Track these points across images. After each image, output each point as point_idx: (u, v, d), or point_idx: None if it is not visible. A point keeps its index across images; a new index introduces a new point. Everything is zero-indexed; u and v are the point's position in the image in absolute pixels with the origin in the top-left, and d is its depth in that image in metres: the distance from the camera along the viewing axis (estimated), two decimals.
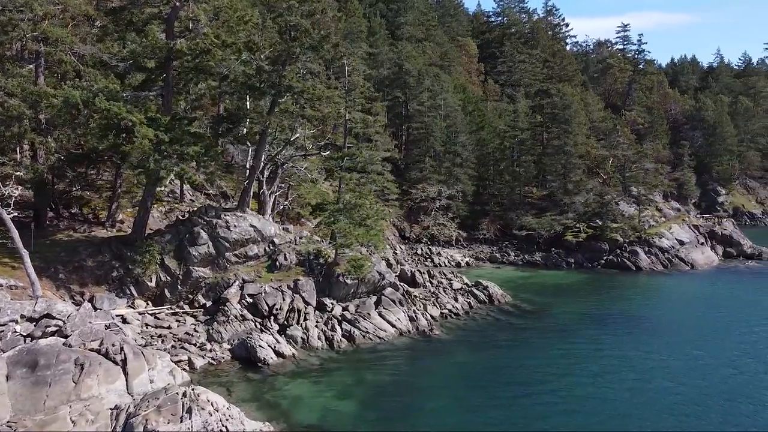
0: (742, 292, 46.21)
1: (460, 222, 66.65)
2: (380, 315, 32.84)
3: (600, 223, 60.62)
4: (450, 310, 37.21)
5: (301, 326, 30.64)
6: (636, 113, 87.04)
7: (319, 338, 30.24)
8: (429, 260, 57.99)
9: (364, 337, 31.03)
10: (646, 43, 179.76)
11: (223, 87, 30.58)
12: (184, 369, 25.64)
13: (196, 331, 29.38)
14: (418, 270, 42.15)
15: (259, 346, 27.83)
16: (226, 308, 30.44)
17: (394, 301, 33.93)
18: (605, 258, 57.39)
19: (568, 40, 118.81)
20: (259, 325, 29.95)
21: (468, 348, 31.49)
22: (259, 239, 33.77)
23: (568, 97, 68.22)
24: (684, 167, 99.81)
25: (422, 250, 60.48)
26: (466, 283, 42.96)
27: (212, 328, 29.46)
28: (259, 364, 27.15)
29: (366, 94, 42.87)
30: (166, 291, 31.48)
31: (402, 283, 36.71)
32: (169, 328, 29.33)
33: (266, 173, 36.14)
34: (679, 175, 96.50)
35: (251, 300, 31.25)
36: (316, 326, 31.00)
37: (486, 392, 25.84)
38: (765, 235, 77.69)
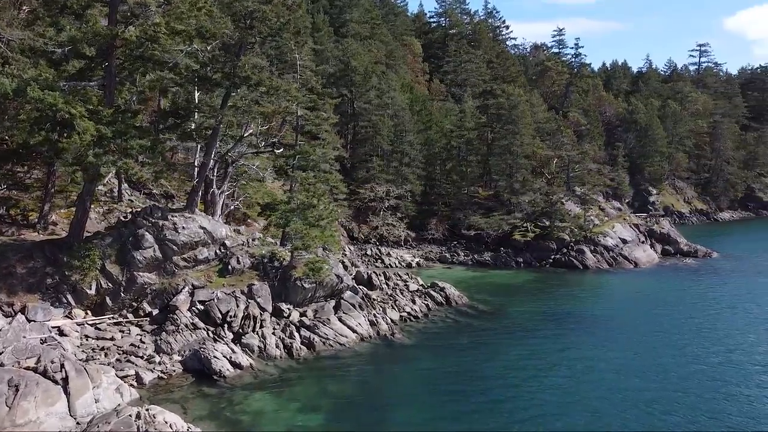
0: (686, 289, 47.56)
1: (409, 222, 66.02)
2: (340, 320, 31.46)
3: (547, 223, 61.33)
4: (409, 313, 36.25)
5: (258, 334, 28.87)
6: (574, 115, 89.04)
7: (277, 346, 28.55)
8: (379, 261, 56.95)
9: (324, 343, 29.57)
10: (582, 47, 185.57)
11: (173, 77, 28.28)
12: (131, 385, 23.47)
13: (143, 343, 27.10)
14: (374, 272, 40.97)
15: (214, 357, 25.92)
16: (175, 316, 28.29)
17: (353, 305, 32.61)
18: (553, 257, 58.05)
19: (508, 42, 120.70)
20: (212, 334, 28.00)
21: (432, 352, 30.59)
22: (209, 242, 31.69)
23: (514, 97, 68.73)
24: (618, 168, 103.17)
25: (372, 250, 59.38)
26: (422, 285, 42.17)
27: (160, 339, 27.25)
28: (215, 377, 25.26)
29: (318, 90, 41.24)
30: (108, 299, 28.97)
31: (360, 286, 35.44)
32: (112, 339, 26.91)
33: (216, 171, 33.99)
34: (613, 176, 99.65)
35: (202, 307, 29.21)
36: (274, 333, 29.29)
37: (456, 398, 24.99)
38: (694, 232, 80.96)
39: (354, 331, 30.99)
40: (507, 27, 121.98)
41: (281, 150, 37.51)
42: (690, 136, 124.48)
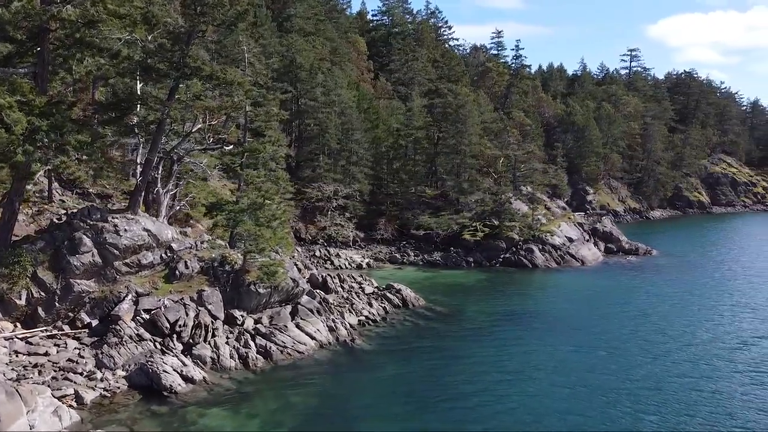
0: (634, 287, 48.41)
1: (357, 222, 64.71)
2: (298, 326, 29.79)
3: (496, 222, 61.41)
4: (367, 317, 34.95)
5: (210, 344, 26.85)
6: (519, 115, 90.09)
7: (231, 357, 26.63)
8: (328, 262, 55.40)
9: (282, 352, 27.85)
10: (523, 48, 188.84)
11: (114, 66, 25.84)
12: (71, 406, 21.13)
13: (82, 357, 24.61)
14: (329, 274, 39.42)
15: (163, 371, 23.79)
16: (118, 327, 25.91)
17: (311, 311, 31.01)
18: (503, 256, 58.10)
19: (451, 43, 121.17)
20: (160, 346, 25.78)
21: (394, 358, 29.40)
22: (154, 245, 29.35)
23: (462, 96, 68.60)
24: (557, 168, 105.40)
25: (320, 251, 57.73)
26: (377, 287, 40.97)
27: (102, 353, 24.84)
28: (165, 393, 23.15)
29: (267, 85, 39.31)
30: (40, 309, 26.24)
31: (317, 291, 33.84)
32: (46, 355, 24.30)
33: (160, 169, 31.57)
34: (553, 176, 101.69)
35: (148, 316, 26.91)
36: (227, 343, 27.34)
37: (425, 407, 23.92)
38: (629, 231, 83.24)
39: (313, 338, 29.40)
40: (450, 27, 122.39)
41: (231, 147, 35.33)
42: (623, 137, 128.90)
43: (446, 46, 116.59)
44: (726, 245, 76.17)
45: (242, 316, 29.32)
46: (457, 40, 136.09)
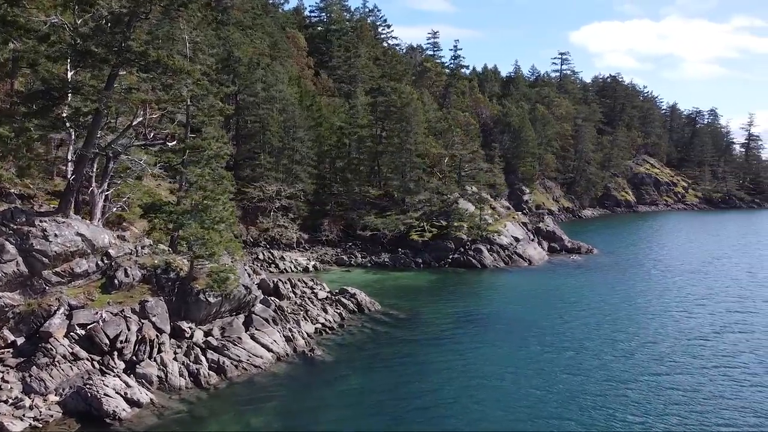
0: (583, 285, 48.66)
1: (301, 223, 62.33)
2: (253, 338, 27.49)
3: (444, 222, 60.68)
4: (323, 324, 32.98)
5: (156, 361, 24.19)
6: (464, 115, 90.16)
7: (181, 374, 24.09)
8: (273, 266, 52.92)
9: (237, 367, 25.52)
10: (461, 49, 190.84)
11: (43, 50, 22.71)
12: None
13: (6, 382, 21.51)
14: (280, 279, 37.11)
15: (104, 394, 21.05)
16: (49, 346, 22.89)
17: (266, 320, 28.77)
18: (452, 257, 57.35)
19: (389, 42, 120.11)
20: (98, 366, 22.97)
21: (357, 369, 27.61)
22: (89, 251, 26.32)
23: (406, 95, 67.47)
24: (496, 167, 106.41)
25: (263, 254, 55.10)
26: (330, 292, 39.04)
27: (30, 376, 21.80)
28: (107, 420, 20.51)
29: (211, 77, 36.61)
30: None
31: (271, 298, 31.57)
32: None
33: (95, 167, 28.43)
34: (493, 175, 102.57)
35: (84, 332, 23.97)
36: (176, 359, 24.75)
37: (394, 419, 22.63)
38: (565, 229, 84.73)
39: (269, 350, 27.18)
40: (388, 26, 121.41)
41: (174, 143, 32.48)
42: (556, 138, 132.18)
43: (385, 44, 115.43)
44: (659, 243, 78.86)
45: (191, 328, 26.76)
46: (395, 39, 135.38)
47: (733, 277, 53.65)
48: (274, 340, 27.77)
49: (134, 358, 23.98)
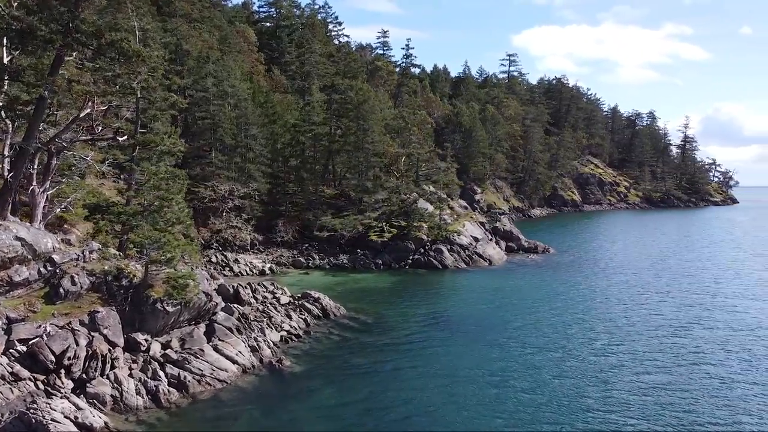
0: (546, 285, 48.34)
1: (255, 224, 59.85)
2: (216, 349, 25.33)
3: (403, 223, 59.49)
4: (289, 332, 31.03)
5: (110, 378, 21.80)
6: (421, 113, 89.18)
7: (138, 393, 21.77)
8: (227, 269, 50.48)
9: (200, 382, 23.36)
10: (413, 48, 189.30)
11: None
12: None
13: None
14: (240, 284, 34.88)
15: (51, 419, 18.64)
16: None
17: (230, 329, 26.64)
18: (412, 257, 56.22)
19: (341, 39, 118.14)
20: (43, 386, 20.43)
21: (330, 381, 25.81)
22: (29, 257, 23.62)
23: (363, 92, 65.92)
24: (452, 167, 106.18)
25: (217, 257, 52.50)
26: (292, 296, 37.12)
27: None
28: None
29: (167, 68, 34.09)
30: None
31: (235, 305, 29.41)
32: None
33: (36, 164, 25.62)
34: (446, 175, 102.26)
35: (26, 348, 21.36)
36: (131, 375, 22.41)
37: None
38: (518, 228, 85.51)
39: (235, 362, 25.10)
40: (339, 24, 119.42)
41: (125, 138, 29.86)
42: (506, 138, 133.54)
43: (336, 42, 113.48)
44: (611, 242, 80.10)
45: (147, 340, 24.40)
46: (347, 37, 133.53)
47: (687, 274, 54.72)
48: (239, 351, 25.70)
49: (84, 376, 21.53)
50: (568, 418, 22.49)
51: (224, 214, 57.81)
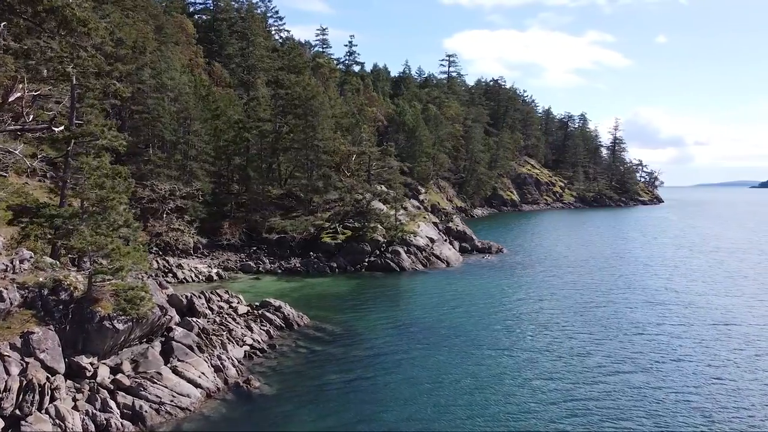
0: (508, 286, 47.06)
1: (199, 226, 55.85)
2: (175, 372, 22.08)
3: (357, 224, 57.05)
4: (252, 346, 27.98)
5: (50, 413, 18.28)
6: (372, 111, 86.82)
7: (85, 428, 18.37)
8: (170, 275, 46.52)
9: (158, 412, 20.11)
10: (356, 45, 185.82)
11: None
12: None
13: None
14: (194, 294, 31.40)
15: None
16: None
17: (190, 348, 23.42)
18: (368, 260, 53.84)
19: (282, 34, 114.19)
20: None
21: (304, 402, 23.03)
22: None
23: (312, 87, 63.00)
24: (404, 166, 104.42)
25: (158, 262, 48.31)
26: (250, 305, 33.99)
27: None
28: None
29: (105, 52, 30.29)
30: None
31: (195, 319, 26.07)
32: None
33: None
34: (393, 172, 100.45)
35: None
36: (76, 408, 18.94)
37: None
38: None
39: (198, 386, 21.94)
40: (281, 18, 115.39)
41: (61, 128, 25.97)
42: (449, 138, 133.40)
43: (278, 37, 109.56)
44: (559, 241, 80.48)
45: (93, 364, 20.91)
46: (288, 31, 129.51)
47: (641, 272, 55.20)
48: (202, 373, 22.54)
49: (18, 412, 17.93)
50: (552, 420, 21.59)
51: (165, 215, 53.57)
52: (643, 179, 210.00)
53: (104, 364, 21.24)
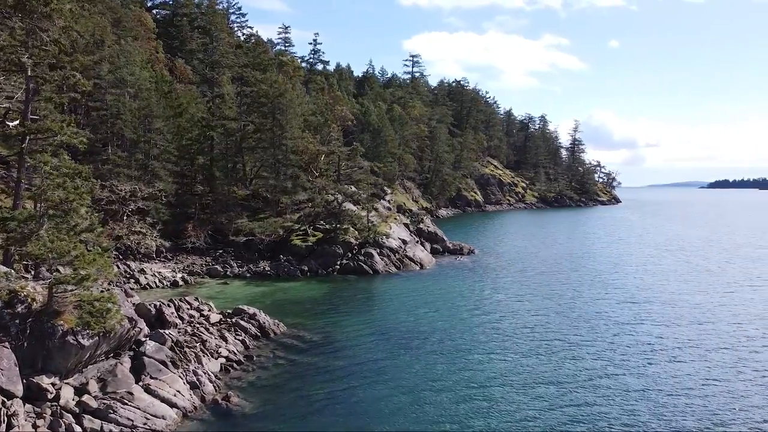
0: (484, 288, 46.11)
1: (162, 229, 53.21)
2: (148, 390, 20.11)
3: (328, 226, 55.38)
4: (228, 358, 26.10)
5: None
6: (341, 109, 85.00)
7: None
8: (132, 280, 44.07)
9: None
10: (321, 43, 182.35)
11: None
12: None
13: None
14: (162, 302, 29.24)
15: None
16: None
17: (164, 363, 21.46)
18: (340, 263, 52.22)
19: (245, 31, 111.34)
20: None
21: (289, 420, 21.26)
22: None
23: (279, 85, 61.00)
24: (374, 167, 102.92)
25: (119, 267, 45.64)
26: (222, 313, 32.03)
27: None
28: None
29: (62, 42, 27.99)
30: None
31: (167, 331, 24.04)
32: None
33: None
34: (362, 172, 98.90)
35: None
36: None
37: None
38: None
39: (173, 406, 20.02)
40: (243, 15, 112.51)
41: (15, 123, 23.63)
42: (414, 139, 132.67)
43: (240, 34, 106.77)
44: (527, 241, 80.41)
45: (54, 384, 18.80)
46: (251, 28, 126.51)
47: (612, 270, 55.40)
48: (178, 391, 20.62)
49: None
50: (546, 423, 21.04)
51: (125, 217, 50.80)
52: (601, 180, 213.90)
53: (68, 384, 19.16)
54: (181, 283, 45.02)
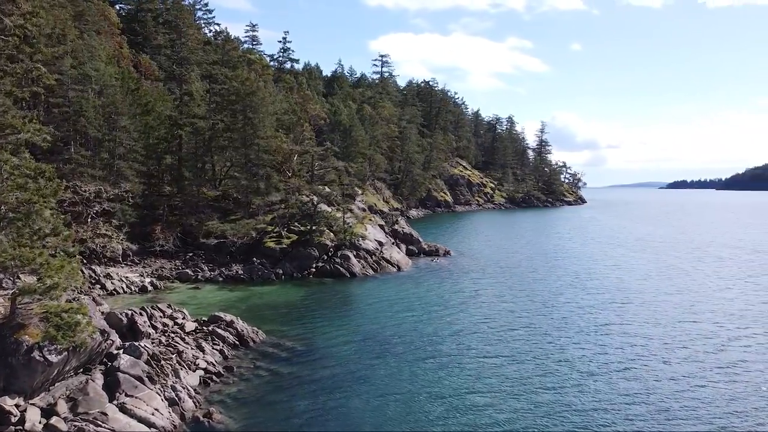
0: (464, 290, 45.43)
1: (129, 231, 50.92)
2: (123, 410, 18.48)
3: (303, 227, 53.88)
4: (207, 370, 24.52)
5: None
6: (314, 108, 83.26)
7: None
8: (98, 286, 41.91)
9: None
10: (290, 41, 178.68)
11: None
12: None
13: None
14: (133, 311, 27.44)
15: None
16: None
17: (140, 379, 19.81)
18: (316, 265, 50.79)
19: (213, 28, 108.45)
20: None
21: None
22: None
23: (251, 83, 59.20)
24: (349, 167, 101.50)
25: (84, 272, 43.21)
26: (196, 320, 30.38)
27: None
28: None
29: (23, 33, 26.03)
30: None
31: (143, 345, 22.34)
32: None
33: None
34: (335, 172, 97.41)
35: None
36: None
37: None
38: None
39: (151, 426, 18.44)
40: (210, 11, 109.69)
41: None
42: (384, 139, 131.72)
43: (208, 31, 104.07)
44: (502, 241, 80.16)
45: (18, 406, 17.07)
46: (219, 25, 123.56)
47: (589, 270, 55.39)
48: (156, 409, 19.03)
49: None
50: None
51: (90, 219, 48.37)
52: (567, 180, 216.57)
53: (33, 405, 17.43)
54: (150, 288, 43.00)
